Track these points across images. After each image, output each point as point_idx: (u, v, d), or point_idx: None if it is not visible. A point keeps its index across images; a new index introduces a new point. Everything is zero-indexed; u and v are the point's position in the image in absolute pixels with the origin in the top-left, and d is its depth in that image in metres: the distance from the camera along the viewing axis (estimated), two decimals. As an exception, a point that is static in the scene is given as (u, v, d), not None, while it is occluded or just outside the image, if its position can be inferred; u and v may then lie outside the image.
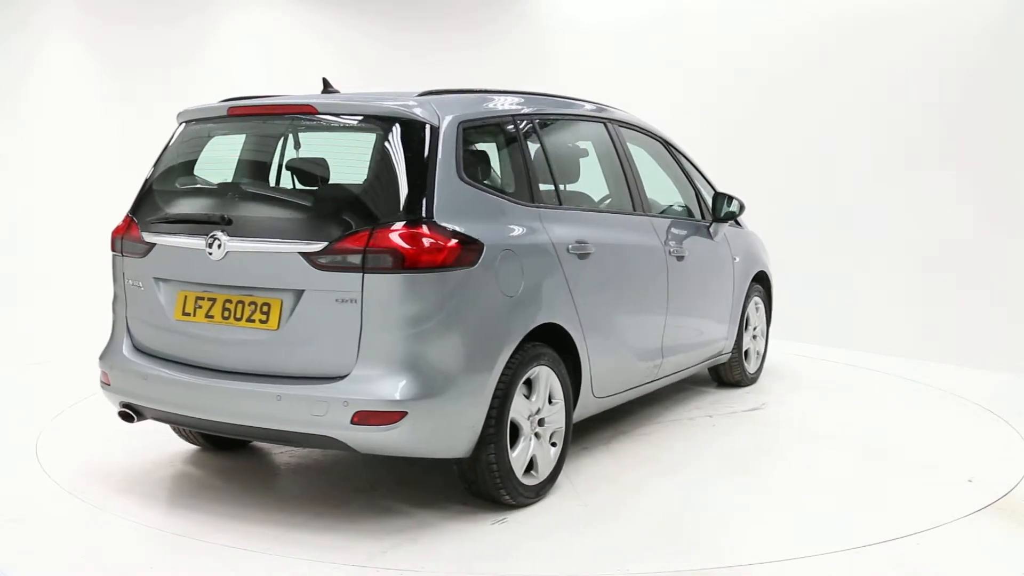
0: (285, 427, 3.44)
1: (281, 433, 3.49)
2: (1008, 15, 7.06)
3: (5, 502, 3.88)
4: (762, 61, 8.42)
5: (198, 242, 3.63)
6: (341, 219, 3.42)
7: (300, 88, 6.22)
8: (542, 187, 4.16)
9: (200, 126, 4.02)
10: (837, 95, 7.97)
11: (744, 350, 5.83)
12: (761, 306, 6.05)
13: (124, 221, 4.03)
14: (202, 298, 3.67)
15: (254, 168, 3.97)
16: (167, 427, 4.80)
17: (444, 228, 3.41)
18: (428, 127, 3.54)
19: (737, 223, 5.80)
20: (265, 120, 3.95)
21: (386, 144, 3.53)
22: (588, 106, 4.83)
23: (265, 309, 3.51)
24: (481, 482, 3.66)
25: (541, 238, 3.89)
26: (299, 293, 3.44)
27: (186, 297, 3.72)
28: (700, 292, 5.22)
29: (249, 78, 8.88)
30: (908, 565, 3.31)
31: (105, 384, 3.96)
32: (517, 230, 3.78)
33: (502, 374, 3.59)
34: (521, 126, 4.12)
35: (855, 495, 4.04)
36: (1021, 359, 6.56)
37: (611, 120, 4.86)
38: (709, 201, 5.45)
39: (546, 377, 3.84)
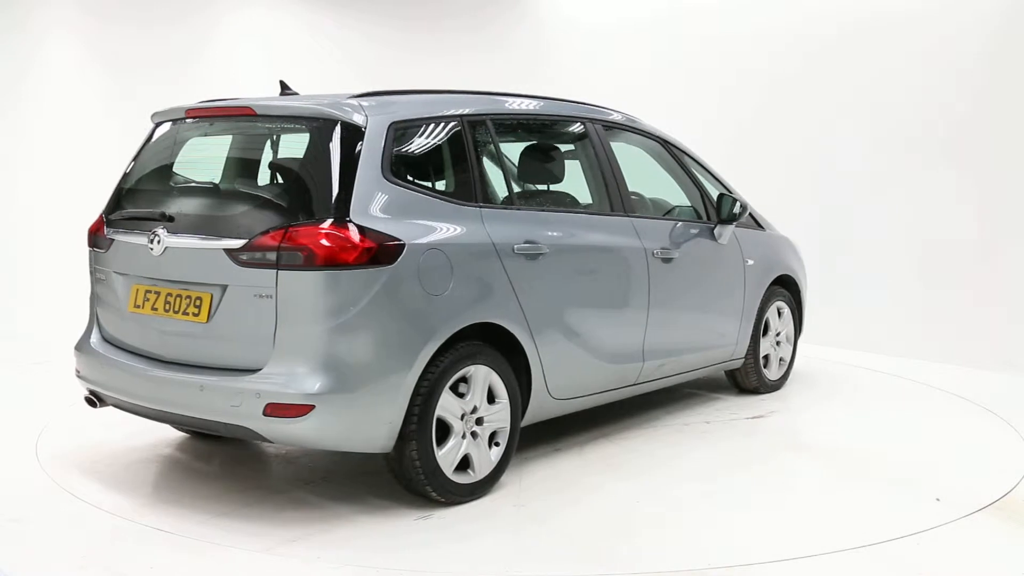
0: (209, 416, 3.60)
1: (206, 422, 3.66)
2: (1010, 15, 7.06)
3: (5, 502, 3.88)
4: (764, 61, 8.42)
5: (143, 239, 3.85)
6: (262, 217, 3.58)
7: (300, 88, 6.24)
8: (495, 187, 4.25)
9: (165, 127, 4.22)
10: (838, 95, 7.97)
11: (762, 356, 5.68)
12: (786, 311, 5.87)
13: (97, 218, 4.26)
14: (150, 291, 3.87)
15: (198, 168, 4.13)
16: (167, 428, 4.81)
17: (359, 227, 3.49)
18: (353, 128, 3.63)
19: (759, 225, 5.72)
20: (212, 122, 4.10)
21: (311, 144, 3.68)
22: (564, 106, 4.78)
23: (197, 303, 3.68)
24: (406, 477, 3.73)
25: (479, 238, 3.90)
26: (224, 288, 3.60)
27: (138, 290, 3.93)
28: (697, 295, 5.12)
29: (249, 78, 8.87)
30: (908, 565, 3.31)
31: (76, 372, 4.19)
32: (450, 229, 3.80)
33: (427, 372, 3.64)
34: (470, 127, 4.11)
35: (832, 501, 4.04)
36: (1021, 359, 6.56)
37: (592, 120, 4.79)
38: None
39: (484, 376, 3.87)
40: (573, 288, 4.32)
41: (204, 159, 4.12)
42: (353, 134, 3.62)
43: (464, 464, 3.84)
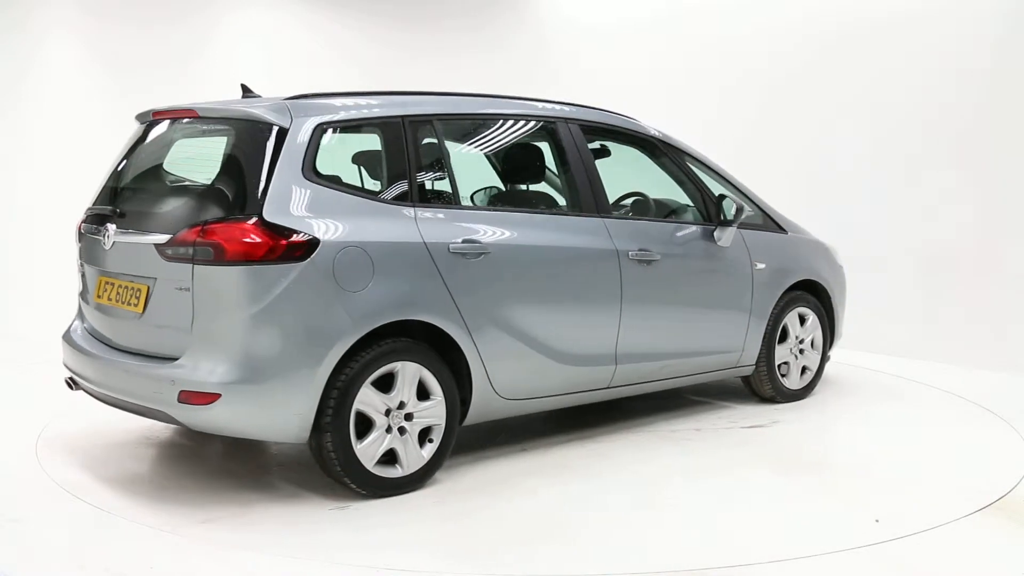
0: (139, 401, 3.83)
1: (137, 407, 3.87)
2: (1010, 15, 7.06)
3: (5, 502, 3.89)
4: (764, 61, 8.42)
5: (99, 234, 4.15)
6: (187, 214, 3.78)
7: (299, 89, 6.23)
8: (437, 187, 4.29)
9: (140, 128, 4.44)
10: (839, 95, 7.96)
11: (779, 364, 5.49)
12: (811, 318, 5.64)
13: (83, 214, 4.51)
14: (108, 283, 4.13)
15: (149, 166, 4.32)
16: (167, 428, 4.82)
17: (271, 224, 3.62)
18: (275, 129, 3.78)
19: (779, 228, 5.56)
20: (167, 124, 4.30)
21: (236, 145, 3.90)
22: (530, 106, 4.75)
23: (137, 294, 3.91)
24: (326, 467, 3.85)
25: (408, 237, 3.94)
26: (155, 281, 3.82)
27: (100, 282, 4.20)
28: (688, 299, 5.01)
29: (249, 78, 8.86)
30: (908, 565, 3.31)
31: (62, 360, 4.42)
32: (374, 228, 3.87)
33: (344, 366, 3.73)
34: (412, 128, 4.16)
35: (831, 501, 4.04)
36: (1021, 359, 6.56)
37: (566, 120, 4.74)
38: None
39: (413, 373, 3.93)
40: (524, 288, 4.30)
41: (156, 159, 4.32)
42: (275, 135, 3.77)
43: (393, 459, 3.91)
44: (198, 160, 4.07)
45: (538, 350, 4.36)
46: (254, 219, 3.61)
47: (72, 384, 4.34)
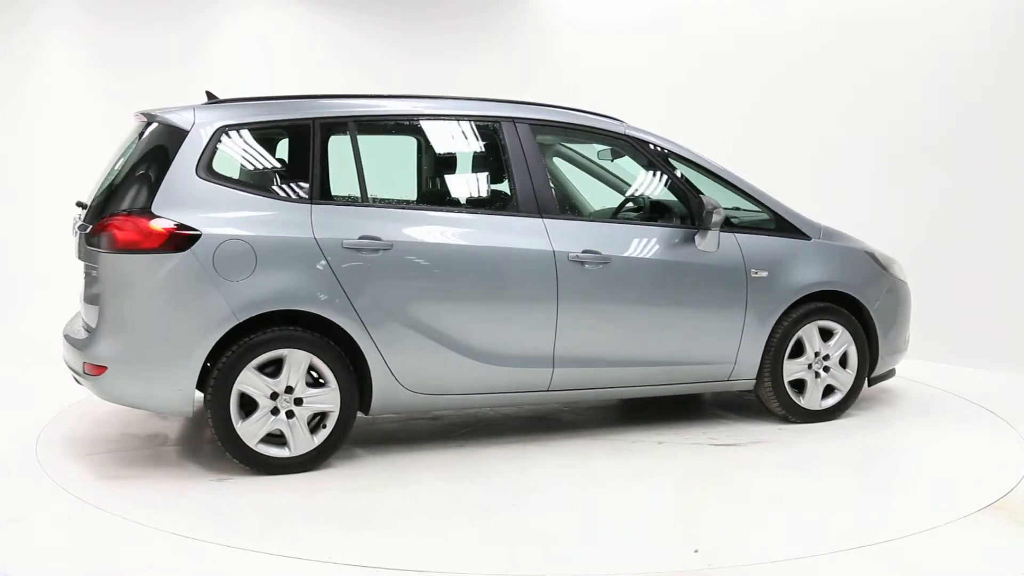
0: (76, 376, 4.30)
1: (77, 380, 4.32)
2: (1010, 15, 7.06)
3: (5, 502, 3.89)
4: (764, 61, 8.42)
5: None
6: (105, 208, 4.19)
7: (299, 89, 6.23)
8: (343, 185, 4.39)
9: (134, 127, 4.66)
10: (838, 95, 7.96)
11: (789, 380, 5.04)
12: (841, 333, 5.13)
13: None
14: (85, 272, 4.43)
15: (113, 165, 4.55)
16: (166, 427, 4.82)
17: (157, 217, 4.04)
18: (177, 130, 4.21)
19: (800, 233, 5.11)
20: (136, 125, 4.60)
21: (146, 145, 4.31)
22: (467, 105, 4.74)
23: (90, 280, 4.30)
24: (218, 441, 4.20)
25: (298, 232, 4.20)
26: (91, 267, 4.25)
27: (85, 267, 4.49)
28: (653, 305, 4.77)
29: (249, 78, 8.87)
30: (908, 565, 3.31)
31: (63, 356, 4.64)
32: (263, 223, 4.16)
33: (226, 349, 4.09)
34: (323, 129, 4.38)
35: (831, 502, 4.03)
36: (1021, 359, 6.56)
37: (513, 119, 4.69)
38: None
39: (301, 360, 4.18)
40: (431, 285, 4.39)
41: (118, 158, 4.58)
42: (176, 136, 4.20)
43: (283, 441, 4.22)
44: (130, 159, 4.37)
45: (449, 346, 4.40)
46: (143, 213, 4.04)
47: (78, 379, 4.48)
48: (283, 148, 4.46)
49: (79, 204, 4.57)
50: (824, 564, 3.31)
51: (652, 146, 4.99)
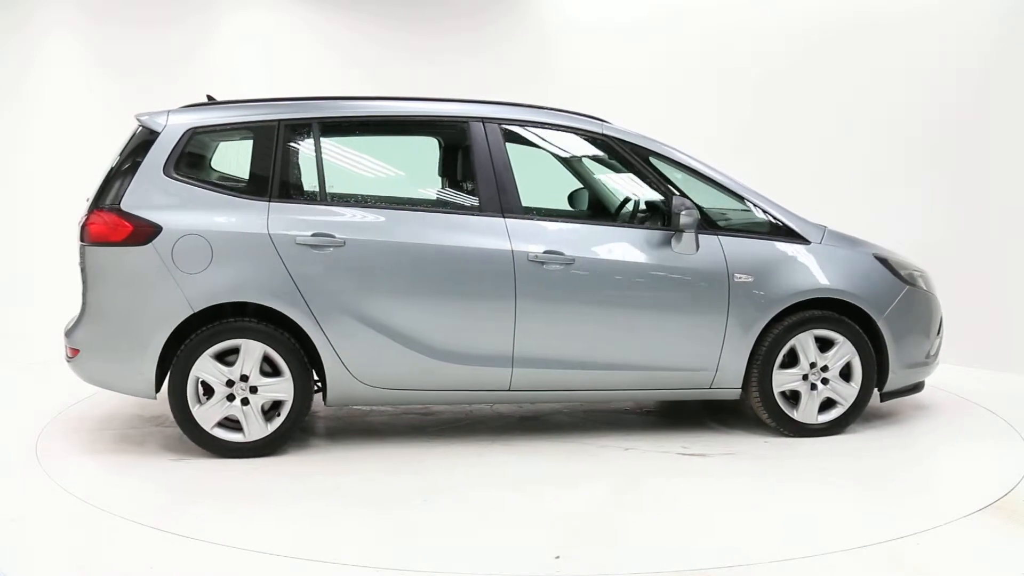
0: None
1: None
2: (1010, 15, 7.06)
3: (5, 502, 3.89)
4: (764, 62, 8.42)
5: None
6: (94, 204, 4.47)
7: (298, 90, 6.24)
8: (302, 184, 4.61)
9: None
10: (838, 96, 7.96)
11: (781, 391, 4.82)
12: (842, 343, 4.85)
13: None
14: None
15: (111, 163, 4.73)
16: (165, 426, 4.81)
17: (123, 213, 4.35)
18: (150, 132, 4.50)
19: (798, 237, 4.88)
20: (135, 124, 4.78)
21: (128, 146, 4.58)
22: (433, 106, 4.84)
23: (79, 268, 4.51)
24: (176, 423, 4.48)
25: (253, 228, 4.41)
26: (79, 258, 4.51)
27: None
28: (622, 307, 4.66)
29: (249, 79, 8.88)
30: (908, 565, 3.31)
31: None
32: (220, 220, 4.41)
33: (184, 337, 4.39)
34: (288, 131, 4.60)
35: (830, 502, 4.03)
36: (1022, 359, 6.55)
37: (481, 119, 4.72)
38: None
39: (256, 350, 4.42)
40: (383, 281, 4.49)
41: (117, 156, 4.77)
42: (148, 137, 4.49)
43: (239, 427, 4.46)
44: (117, 158, 4.62)
45: (401, 342, 4.50)
46: (112, 209, 4.37)
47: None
48: (248, 149, 4.63)
49: (88, 200, 4.72)
50: (824, 564, 3.30)
51: (631, 146, 4.87)
